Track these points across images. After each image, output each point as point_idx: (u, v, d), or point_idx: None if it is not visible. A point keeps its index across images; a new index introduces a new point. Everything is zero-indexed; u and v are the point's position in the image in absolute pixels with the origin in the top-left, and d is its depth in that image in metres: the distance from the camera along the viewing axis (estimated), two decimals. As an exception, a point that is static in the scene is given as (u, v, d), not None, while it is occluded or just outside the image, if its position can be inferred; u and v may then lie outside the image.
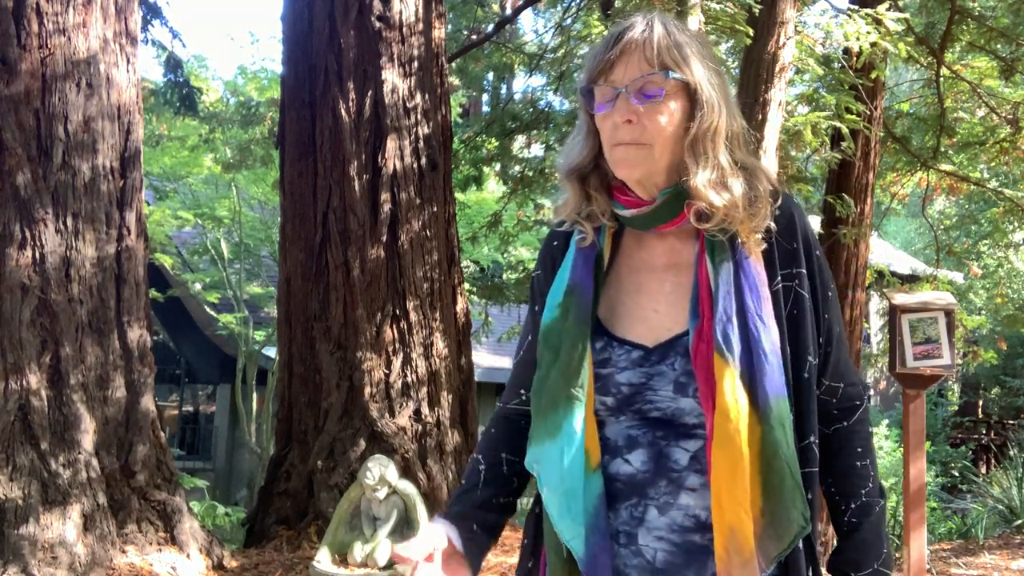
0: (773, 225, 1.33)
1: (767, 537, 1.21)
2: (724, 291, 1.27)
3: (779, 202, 1.35)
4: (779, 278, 1.31)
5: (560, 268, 1.40)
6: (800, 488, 1.22)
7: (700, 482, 1.25)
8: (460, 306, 6.37)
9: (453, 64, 10.62)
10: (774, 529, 1.21)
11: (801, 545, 1.25)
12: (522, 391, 1.45)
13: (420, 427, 5.64)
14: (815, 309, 1.33)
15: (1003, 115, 8.21)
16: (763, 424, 1.22)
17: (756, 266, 1.29)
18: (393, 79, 5.90)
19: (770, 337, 1.25)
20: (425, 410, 5.68)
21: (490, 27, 11.20)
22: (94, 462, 4.52)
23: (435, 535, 1.29)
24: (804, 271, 1.32)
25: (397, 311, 5.74)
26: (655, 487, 1.26)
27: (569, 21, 9.84)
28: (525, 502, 1.47)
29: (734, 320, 1.25)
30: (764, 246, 1.32)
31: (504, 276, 12.36)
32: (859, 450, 1.38)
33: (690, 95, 1.30)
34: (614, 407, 1.30)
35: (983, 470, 15.35)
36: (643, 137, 1.29)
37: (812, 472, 1.28)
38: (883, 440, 12.25)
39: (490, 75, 14.37)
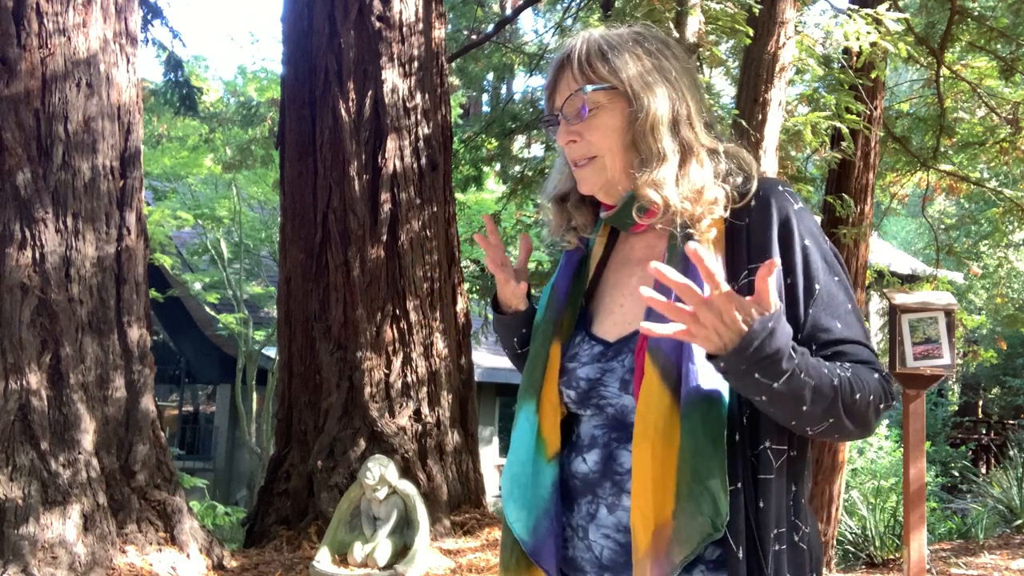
0: (746, 216, 1.28)
1: (675, 540, 1.18)
2: (664, 289, 1.23)
3: (757, 190, 1.29)
4: (746, 272, 1.25)
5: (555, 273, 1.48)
6: (711, 493, 1.16)
7: None
8: (460, 306, 6.37)
9: (453, 64, 10.62)
10: (679, 533, 1.17)
11: (742, 555, 1.18)
12: None
13: (420, 427, 5.64)
14: (791, 307, 1.23)
15: (1003, 115, 8.21)
16: (682, 423, 1.19)
17: (710, 259, 1.21)
18: (393, 79, 5.90)
19: None
20: (425, 410, 5.68)
21: (490, 27, 11.20)
22: (94, 462, 4.52)
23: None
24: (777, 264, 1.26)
25: (397, 311, 5.74)
26: (603, 487, 1.28)
27: (569, 21, 9.84)
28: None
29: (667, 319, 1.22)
30: (716, 234, 1.27)
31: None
32: (846, 365, 1.21)
33: (625, 97, 1.30)
34: (577, 400, 1.33)
35: (983, 470, 15.35)
36: (591, 150, 1.33)
37: (766, 480, 1.20)
38: (883, 440, 12.27)
39: (490, 75, 14.36)
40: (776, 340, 1.10)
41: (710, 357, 1.14)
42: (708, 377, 1.20)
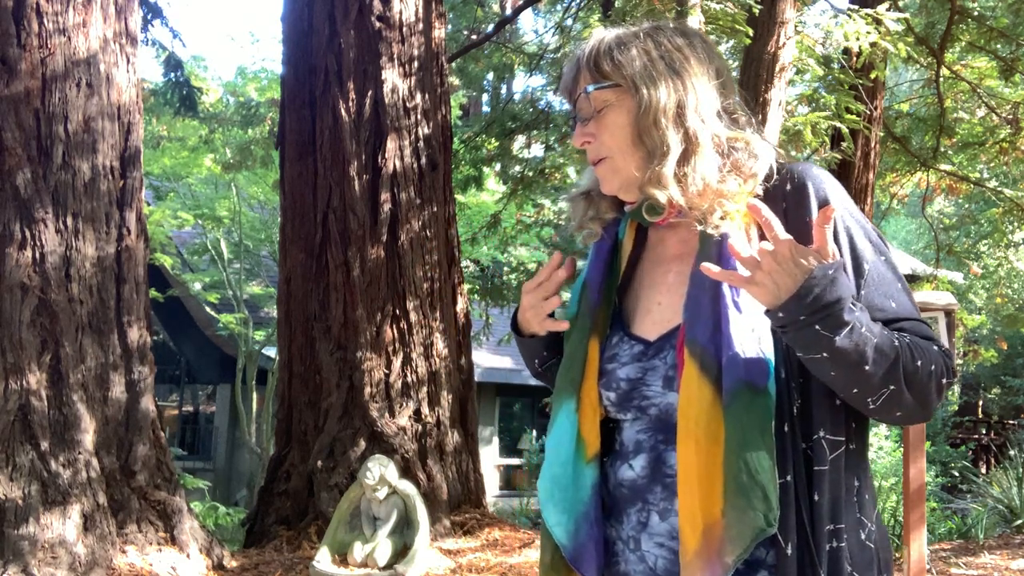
0: (783, 201, 1.24)
1: (727, 538, 1.13)
2: (699, 280, 1.22)
3: (791, 174, 1.26)
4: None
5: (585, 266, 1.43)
6: (761, 487, 1.12)
7: None
8: (460, 306, 6.37)
9: (453, 64, 10.62)
10: (731, 530, 1.13)
11: (792, 552, 1.13)
12: None
13: (420, 427, 5.64)
14: None
15: (1003, 115, 8.21)
16: (726, 415, 1.15)
17: (744, 248, 1.19)
18: (393, 79, 5.90)
19: (746, 325, 1.18)
20: (425, 410, 5.68)
21: (490, 27, 11.20)
22: (94, 462, 4.52)
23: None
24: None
25: (397, 311, 5.74)
26: (653, 493, 1.24)
27: (569, 21, 9.84)
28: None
29: (706, 308, 1.20)
30: (750, 221, 1.24)
31: (504, 277, 12.36)
32: (905, 334, 1.17)
33: (632, 95, 1.29)
34: (617, 403, 1.30)
35: (983, 470, 15.35)
36: (602, 151, 1.31)
37: (821, 471, 1.15)
38: (883, 440, 12.27)
39: (490, 75, 14.36)
40: (837, 288, 1.08)
41: (767, 312, 1.12)
42: (750, 365, 1.16)
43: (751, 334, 1.18)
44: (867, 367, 1.10)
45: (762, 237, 1.19)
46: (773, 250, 1.09)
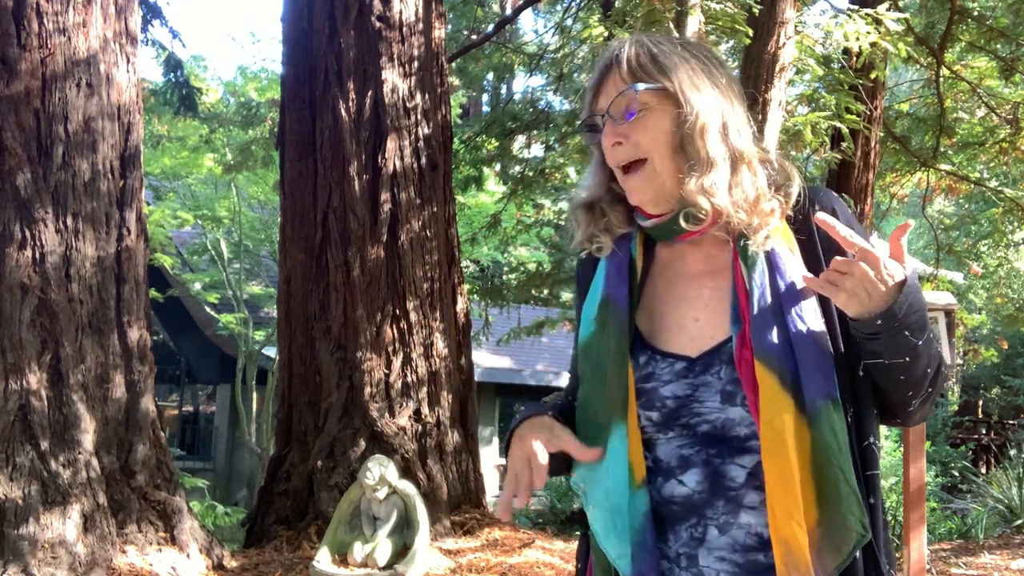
0: (813, 225, 1.27)
1: (825, 548, 1.15)
2: (759, 292, 1.23)
3: (814, 199, 1.30)
4: (824, 272, 1.23)
5: (593, 282, 1.38)
6: (856, 494, 1.16)
7: (760, 499, 1.20)
8: (460, 306, 6.37)
9: (453, 64, 10.62)
10: (831, 539, 1.15)
11: (860, 555, 1.18)
12: (571, 397, 1.42)
13: (420, 427, 5.64)
14: None
15: (1003, 115, 8.22)
16: (812, 429, 1.17)
17: (792, 262, 1.25)
18: (393, 79, 5.90)
19: (813, 335, 1.21)
20: (425, 410, 5.68)
21: (490, 27, 11.21)
22: (94, 462, 4.52)
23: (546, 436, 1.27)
24: None
25: (397, 311, 5.74)
26: (713, 507, 1.22)
27: (569, 22, 9.84)
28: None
29: (772, 322, 1.21)
30: (790, 238, 1.28)
31: (504, 276, 12.36)
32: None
33: (674, 100, 1.28)
34: (660, 422, 1.27)
35: (983, 470, 15.35)
36: (638, 152, 1.29)
37: (874, 475, 1.22)
38: (883, 440, 12.26)
39: (490, 75, 14.38)
40: (921, 295, 1.15)
41: (859, 322, 1.16)
42: (824, 376, 1.20)
43: (820, 345, 1.21)
44: (929, 369, 1.20)
45: (804, 254, 1.25)
46: (865, 261, 1.12)
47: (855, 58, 5.40)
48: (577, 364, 1.37)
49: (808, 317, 1.21)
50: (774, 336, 1.20)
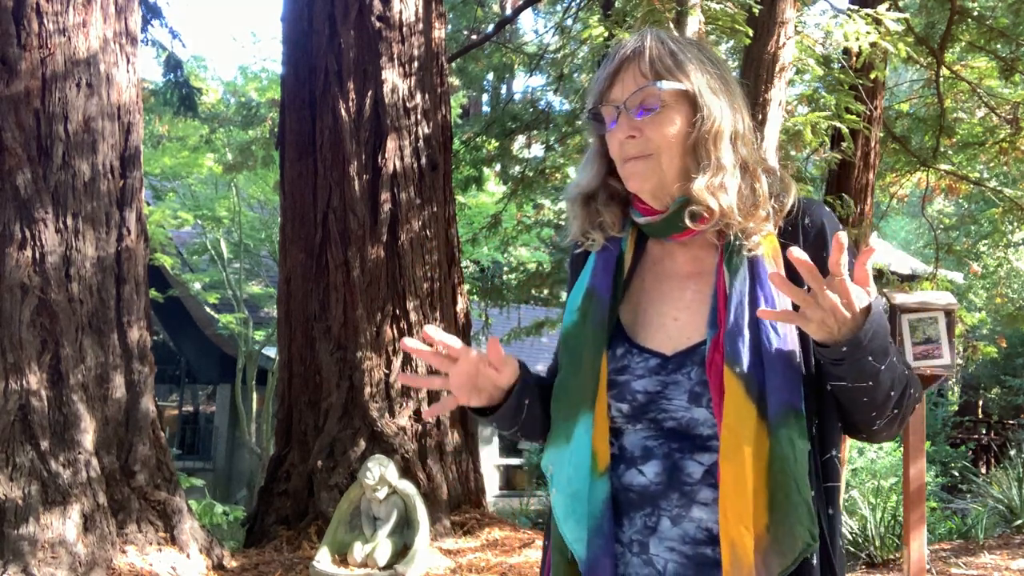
0: (802, 236, 1.30)
1: (772, 553, 1.18)
2: (737, 300, 1.26)
3: (806, 210, 1.32)
4: (807, 288, 1.23)
5: (582, 273, 1.41)
6: (807, 504, 1.19)
7: (713, 496, 1.23)
8: (460, 306, 6.37)
9: (453, 64, 10.62)
10: (778, 545, 1.18)
11: (816, 564, 1.21)
12: (550, 376, 1.47)
13: (420, 427, 5.64)
14: None
15: (1003, 115, 8.21)
16: (771, 438, 1.20)
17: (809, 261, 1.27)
18: (393, 79, 5.90)
19: (785, 347, 1.23)
20: (425, 410, 5.68)
21: (490, 27, 11.21)
22: (94, 462, 4.52)
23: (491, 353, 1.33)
24: None
25: (397, 311, 5.74)
26: (668, 499, 1.26)
27: (569, 21, 9.84)
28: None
29: (746, 330, 1.24)
30: (775, 249, 1.29)
31: (504, 277, 12.36)
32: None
33: (690, 101, 1.30)
34: (630, 414, 1.30)
35: (983, 470, 15.35)
36: (648, 148, 1.30)
37: (834, 487, 1.26)
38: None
39: (490, 75, 14.37)
40: (885, 322, 1.16)
41: (822, 346, 1.17)
42: (790, 387, 1.22)
43: (789, 357, 1.23)
44: (893, 392, 1.21)
45: (787, 265, 1.25)
46: (832, 289, 1.13)
47: (855, 58, 5.39)
48: (558, 351, 1.41)
49: (782, 329, 1.24)
50: (746, 344, 1.23)
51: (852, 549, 6.31)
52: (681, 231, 1.33)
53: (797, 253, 1.10)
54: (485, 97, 17.21)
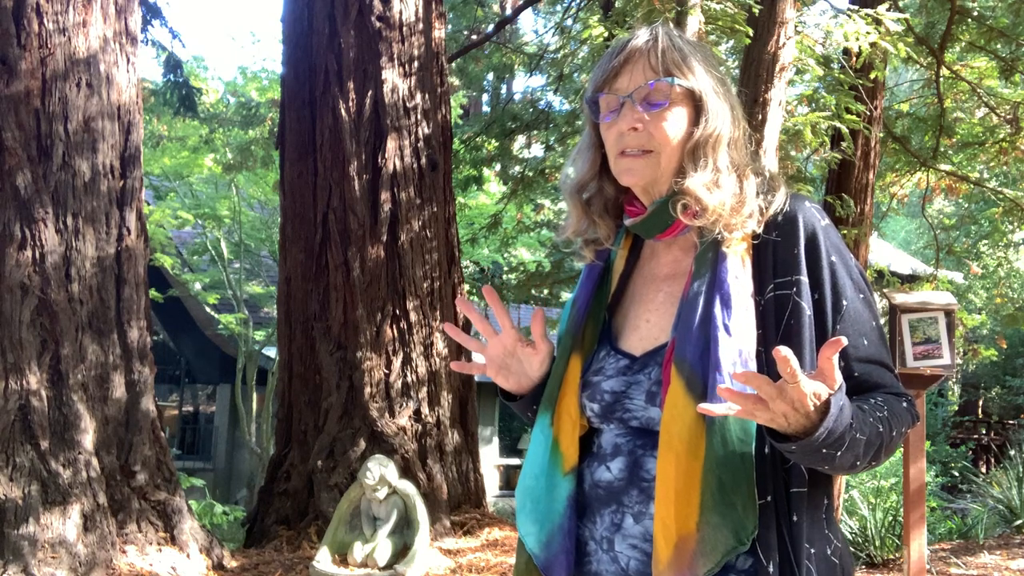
0: (774, 231, 1.29)
1: (699, 552, 1.17)
2: (692, 300, 1.26)
3: (784, 205, 1.30)
4: (772, 286, 1.25)
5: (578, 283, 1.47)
6: (741, 506, 1.17)
7: None
8: (460, 306, 6.37)
9: (453, 64, 10.62)
10: (704, 544, 1.17)
11: (773, 570, 1.17)
12: None
13: (420, 427, 5.64)
14: (819, 322, 1.23)
15: (1003, 115, 8.21)
16: (709, 434, 1.18)
17: (738, 274, 1.26)
18: (393, 79, 5.90)
19: (735, 348, 1.21)
20: (425, 410, 5.69)
21: (490, 27, 11.21)
22: (94, 462, 4.52)
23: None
24: (804, 279, 1.24)
25: (397, 311, 5.74)
26: (629, 496, 1.26)
27: (569, 22, 9.84)
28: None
29: (695, 330, 1.23)
30: (745, 247, 1.28)
31: (504, 277, 12.36)
32: (880, 402, 1.22)
33: (694, 102, 1.31)
34: (600, 414, 1.32)
35: (983, 470, 15.36)
36: (649, 144, 1.30)
37: (800, 492, 1.20)
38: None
39: (490, 75, 14.38)
40: (844, 417, 1.09)
41: (776, 436, 1.13)
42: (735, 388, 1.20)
43: (739, 358, 1.21)
44: (858, 462, 1.16)
45: (756, 265, 1.26)
46: (789, 395, 1.07)
47: (855, 58, 5.39)
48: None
49: (735, 329, 1.22)
50: (693, 342, 1.23)
51: (852, 549, 6.32)
52: (664, 229, 1.34)
53: (784, 352, 1.03)
54: (485, 97, 17.21)
